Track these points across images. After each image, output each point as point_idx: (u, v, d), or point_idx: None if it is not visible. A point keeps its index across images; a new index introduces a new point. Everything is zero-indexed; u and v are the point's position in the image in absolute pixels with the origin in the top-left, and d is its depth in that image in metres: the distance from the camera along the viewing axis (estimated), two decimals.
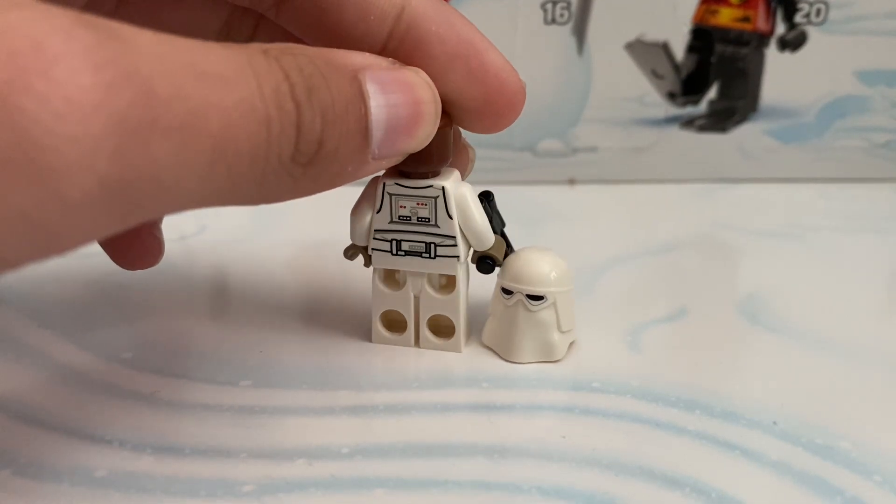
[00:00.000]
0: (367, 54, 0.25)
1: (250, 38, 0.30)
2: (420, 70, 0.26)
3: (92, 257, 0.38)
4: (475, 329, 0.33)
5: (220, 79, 0.19)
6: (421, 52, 0.27)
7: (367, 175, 0.25)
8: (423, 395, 0.29)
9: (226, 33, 0.30)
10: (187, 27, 0.29)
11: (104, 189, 0.17)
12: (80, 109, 0.16)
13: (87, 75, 0.16)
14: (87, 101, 0.16)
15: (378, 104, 0.23)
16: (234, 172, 0.20)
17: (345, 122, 0.22)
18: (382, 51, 0.27)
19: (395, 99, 0.24)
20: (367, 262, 0.31)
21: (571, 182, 0.53)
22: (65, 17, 0.16)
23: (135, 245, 0.31)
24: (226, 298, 0.37)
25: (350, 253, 0.31)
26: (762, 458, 0.25)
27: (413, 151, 0.26)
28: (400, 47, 0.27)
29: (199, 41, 0.20)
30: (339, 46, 0.24)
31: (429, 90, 0.26)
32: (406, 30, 0.28)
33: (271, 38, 0.28)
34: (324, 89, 0.22)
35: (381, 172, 0.29)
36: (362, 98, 0.23)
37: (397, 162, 0.26)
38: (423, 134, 0.25)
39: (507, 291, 0.31)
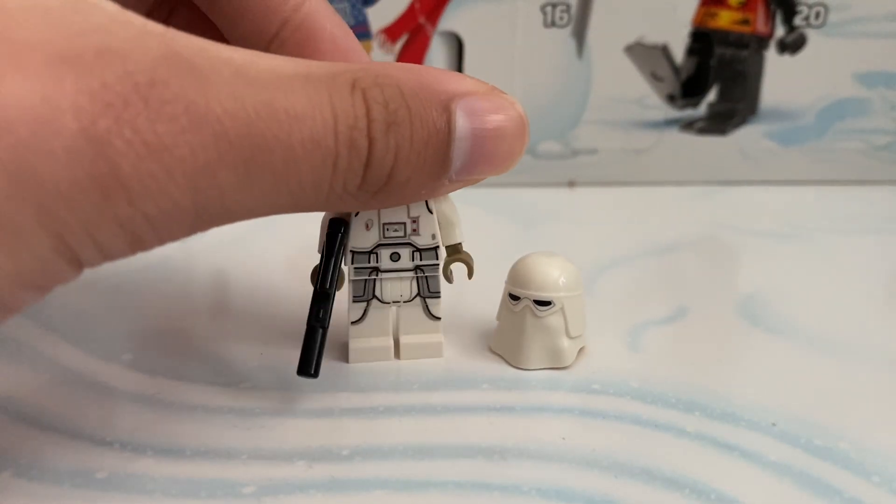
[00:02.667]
0: (467, 78, 0.25)
1: (168, 16, 0.31)
2: (516, 101, 0.26)
3: None
4: (482, 335, 0.33)
5: (292, 116, 0.21)
6: (312, 45, 0.28)
7: (439, 195, 0.27)
8: (423, 396, 0.29)
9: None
10: None
11: (178, 209, 0.20)
12: (157, 150, 0.19)
13: (164, 124, 0.19)
14: (162, 143, 0.19)
15: (464, 136, 0.24)
16: (297, 196, 0.22)
17: (422, 156, 0.24)
18: (276, 34, 0.28)
19: (482, 130, 0.25)
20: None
21: (571, 184, 0.53)
22: (154, 65, 0.20)
23: None
24: (226, 300, 0.37)
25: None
26: (761, 459, 0.25)
27: (488, 177, 0.26)
28: (293, 36, 0.28)
29: (283, 73, 0.21)
30: (237, 25, 0.27)
31: (520, 123, 0.26)
32: (302, 20, 0.29)
33: (186, 19, 0.30)
34: (405, 125, 0.23)
35: None
36: (448, 129, 0.24)
37: (471, 184, 0.27)
38: (506, 165, 0.26)
39: (514, 297, 0.31)
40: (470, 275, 0.31)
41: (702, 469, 0.25)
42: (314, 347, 0.28)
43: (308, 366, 0.27)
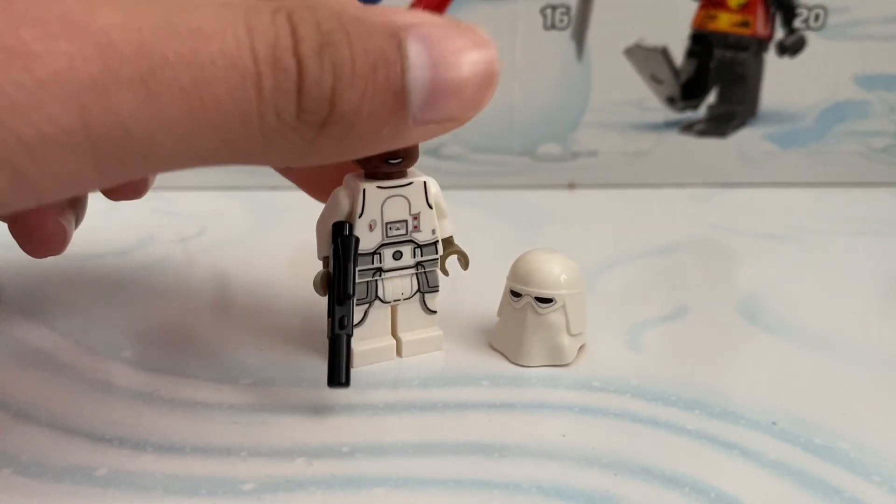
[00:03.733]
0: (420, 12, 0.23)
1: None
2: (480, 28, 0.24)
3: (92, 259, 0.38)
4: (483, 331, 0.33)
5: (195, 32, 0.19)
6: None
7: (413, 142, 0.24)
8: (423, 393, 0.29)
9: None
10: None
11: (64, 134, 0.18)
12: (23, 59, 0.17)
13: (29, 29, 0.17)
14: (30, 51, 0.17)
15: (421, 64, 0.22)
16: (223, 128, 0.20)
17: (370, 81, 0.21)
18: None
19: (442, 58, 0.22)
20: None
21: (571, 186, 0.53)
22: None
23: (38, 230, 0.30)
24: (226, 298, 0.37)
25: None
26: (761, 458, 0.25)
27: (467, 118, 0.24)
28: None
29: (189, 2, 0.19)
30: None
31: (486, 48, 0.23)
32: None
33: None
34: (342, 46, 0.21)
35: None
36: (398, 56, 0.22)
37: (451, 130, 0.24)
38: (477, 99, 0.23)
39: (515, 294, 0.31)
40: (465, 266, 0.31)
41: (701, 467, 0.25)
42: (342, 356, 0.27)
43: (339, 375, 0.27)
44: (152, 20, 0.19)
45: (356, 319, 0.30)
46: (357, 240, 0.29)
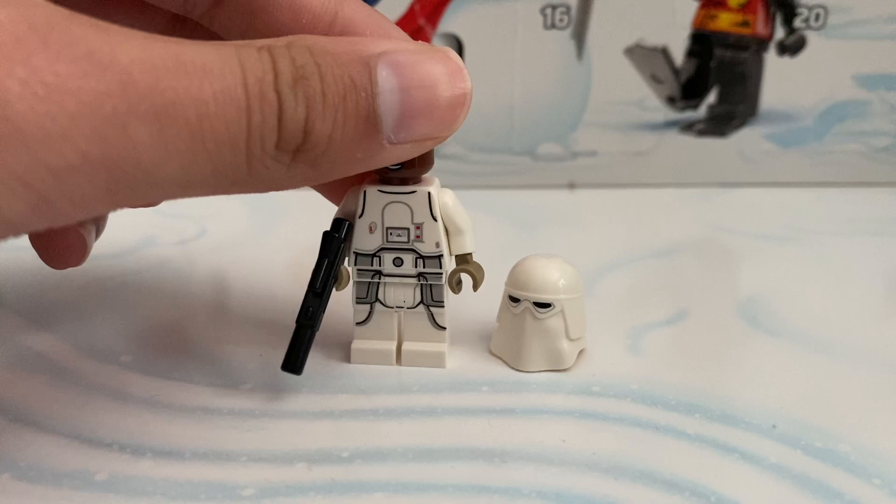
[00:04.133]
0: (395, 40, 0.25)
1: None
2: (450, 50, 0.25)
3: (91, 262, 0.38)
4: (482, 337, 0.33)
5: (202, 71, 0.20)
6: None
7: (388, 161, 0.25)
8: (423, 398, 0.29)
9: None
10: None
11: (87, 162, 0.19)
12: (57, 92, 0.18)
13: (65, 66, 0.18)
14: (63, 86, 0.18)
15: (391, 88, 0.23)
16: (216, 158, 0.21)
17: (340, 110, 0.23)
18: None
19: (411, 82, 0.24)
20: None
21: (571, 186, 0.53)
22: (53, 12, 0.19)
23: (58, 242, 0.31)
24: (226, 302, 0.37)
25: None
26: (761, 461, 0.25)
27: (443, 136, 0.25)
28: None
29: (190, 41, 0.21)
30: None
31: (456, 69, 0.25)
32: (340, 34, 0.28)
33: None
34: (313, 78, 0.22)
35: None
36: (369, 83, 0.23)
37: (430, 148, 0.26)
38: (449, 118, 0.25)
39: (514, 299, 0.31)
40: (475, 287, 0.31)
41: (702, 471, 0.25)
42: (300, 346, 0.28)
43: (291, 363, 0.28)
44: (165, 58, 0.20)
45: (360, 318, 0.31)
46: (340, 238, 0.29)
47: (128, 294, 0.37)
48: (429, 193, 0.29)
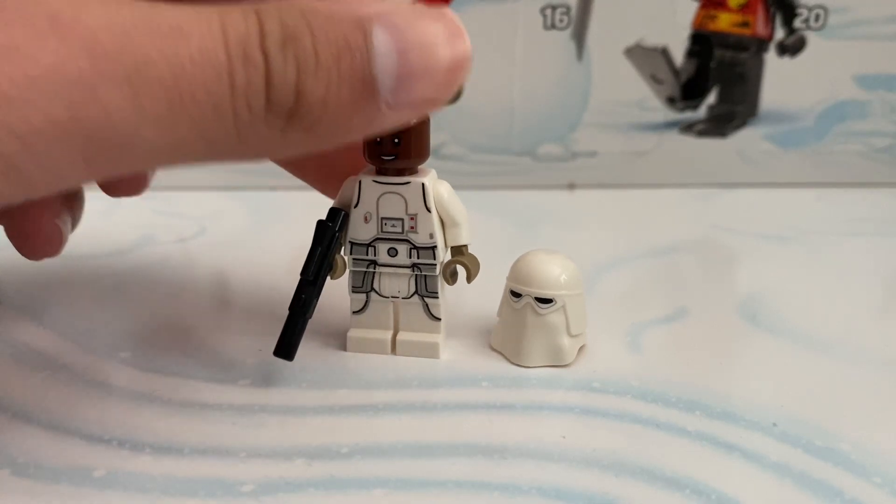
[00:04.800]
0: (388, 1, 0.24)
1: None
2: (448, 10, 0.24)
3: (91, 259, 0.38)
4: (483, 332, 0.33)
5: (177, 31, 0.20)
6: None
7: (387, 126, 0.24)
8: (423, 394, 0.29)
9: None
10: None
11: (54, 127, 0.19)
12: (19, 57, 0.18)
13: (20, 28, 0.18)
14: (22, 49, 0.18)
15: (387, 50, 0.22)
16: (200, 123, 0.20)
17: (334, 71, 0.22)
18: None
19: (408, 43, 0.23)
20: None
21: (571, 186, 0.53)
22: None
23: (34, 232, 0.30)
24: (225, 298, 0.37)
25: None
26: (762, 460, 0.25)
27: (441, 100, 0.24)
28: None
29: (166, 3, 0.20)
30: None
31: (455, 34, 0.24)
32: None
33: None
34: (305, 38, 0.21)
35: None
36: (364, 44, 0.22)
37: (429, 111, 0.25)
38: (450, 80, 0.24)
39: (515, 294, 0.31)
40: (469, 279, 0.31)
41: (702, 469, 0.25)
42: (292, 332, 0.29)
43: (283, 349, 0.29)
44: (136, 20, 0.20)
45: (357, 307, 0.31)
46: (333, 227, 0.29)
47: (127, 291, 0.37)
48: (423, 184, 0.29)
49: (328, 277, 0.30)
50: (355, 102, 0.22)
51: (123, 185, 0.32)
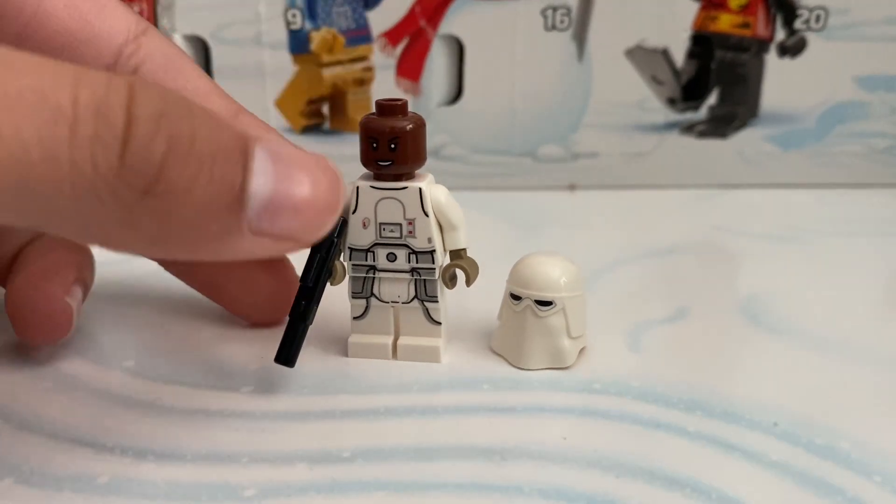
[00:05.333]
0: (274, 133, 0.24)
1: None
2: (326, 157, 0.24)
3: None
4: (483, 335, 0.33)
5: (9, 65, 0.18)
6: None
7: (242, 252, 0.22)
8: (424, 397, 0.29)
9: None
10: None
11: None
12: None
13: None
14: None
15: (265, 170, 0.21)
16: (25, 166, 0.18)
17: (207, 167, 0.20)
18: None
19: (288, 173, 0.22)
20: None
21: (572, 187, 0.53)
22: None
23: (37, 313, 0.30)
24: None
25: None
26: (762, 459, 0.25)
27: (303, 241, 0.23)
28: None
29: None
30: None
31: (330, 177, 0.23)
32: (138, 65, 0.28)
33: None
34: (184, 122, 0.20)
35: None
36: (244, 158, 0.21)
37: (288, 251, 0.24)
38: (315, 220, 0.23)
39: (515, 297, 0.31)
40: (468, 283, 0.31)
41: (703, 469, 0.25)
42: (293, 339, 0.29)
43: (284, 356, 0.29)
44: None
45: (357, 313, 0.31)
46: (328, 234, 0.29)
47: (128, 299, 0.37)
48: (420, 189, 0.29)
49: (328, 284, 0.30)
50: (220, 209, 0.21)
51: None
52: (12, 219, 0.19)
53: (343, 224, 0.30)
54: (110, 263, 0.41)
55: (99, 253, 0.31)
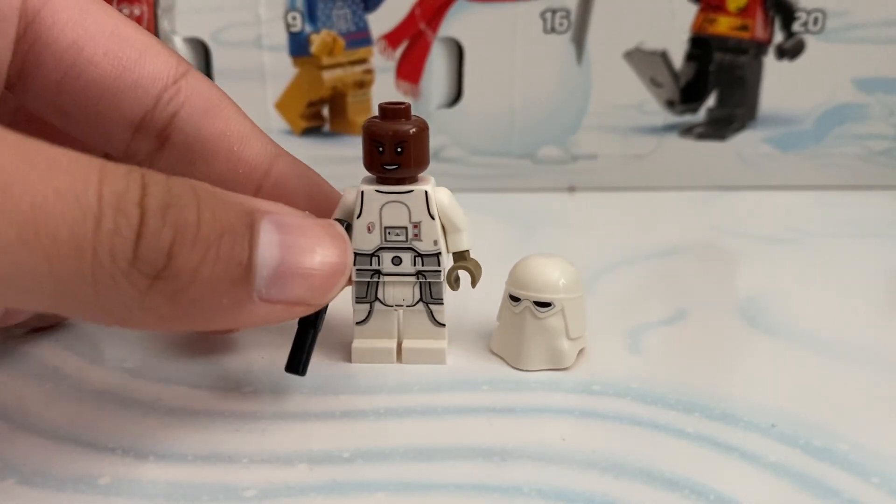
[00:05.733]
0: (281, 205, 0.24)
1: None
2: (335, 223, 0.25)
3: None
4: (483, 336, 0.33)
5: (47, 164, 0.19)
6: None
7: (253, 321, 0.24)
8: (424, 398, 0.29)
9: None
10: None
11: None
12: None
13: None
14: None
15: (270, 243, 0.23)
16: (56, 260, 0.19)
17: (213, 248, 0.21)
18: None
19: (294, 242, 0.23)
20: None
21: (571, 189, 0.53)
22: None
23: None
24: None
25: None
26: (761, 460, 0.26)
27: (316, 304, 0.24)
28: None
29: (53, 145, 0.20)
30: None
31: (338, 243, 0.25)
32: (273, 186, 0.29)
33: None
34: (189, 210, 0.21)
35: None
36: (249, 233, 0.22)
37: (299, 315, 0.25)
38: (324, 286, 0.24)
39: (514, 298, 0.31)
40: (473, 283, 0.31)
41: (701, 470, 0.25)
42: (304, 347, 0.29)
43: (294, 365, 0.29)
44: (10, 149, 0.19)
45: (360, 318, 0.31)
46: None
47: None
48: (426, 192, 0.29)
49: None
50: (228, 284, 0.22)
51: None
52: (37, 303, 0.21)
53: (347, 229, 0.30)
54: None
55: None
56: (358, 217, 0.30)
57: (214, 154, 0.29)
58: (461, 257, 0.31)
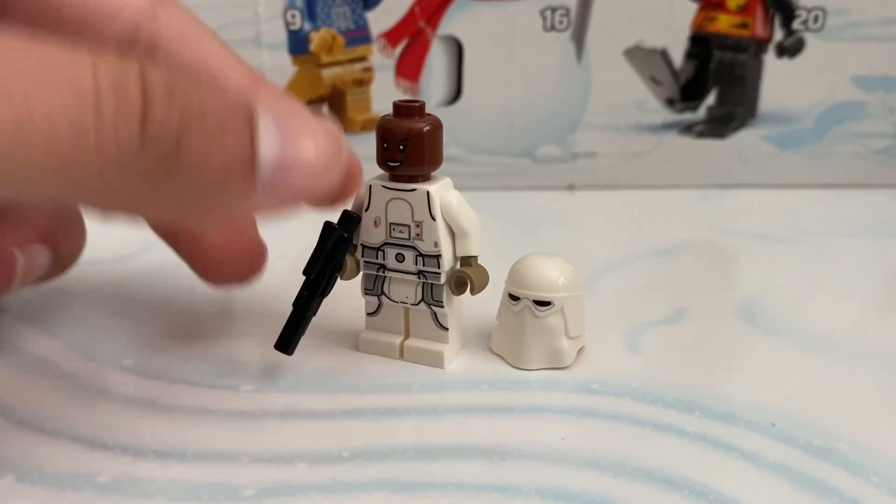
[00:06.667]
0: (274, 90, 0.24)
1: None
2: (324, 113, 0.25)
3: (92, 265, 0.38)
4: (482, 335, 0.33)
5: (35, 52, 0.19)
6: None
7: (257, 210, 0.24)
8: (423, 397, 0.29)
9: None
10: None
11: None
12: None
13: None
14: None
15: (270, 131, 0.22)
16: (55, 142, 0.18)
17: (218, 133, 0.21)
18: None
19: (290, 132, 0.23)
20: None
21: (571, 188, 0.53)
22: None
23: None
24: (227, 304, 0.37)
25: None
26: (760, 460, 0.26)
27: (312, 197, 0.24)
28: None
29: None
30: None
31: (332, 132, 0.24)
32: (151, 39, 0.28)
33: None
34: (193, 94, 0.20)
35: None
36: (250, 120, 0.22)
37: (299, 206, 0.24)
38: (323, 174, 0.24)
39: (514, 297, 0.31)
40: (472, 292, 0.30)
41: (701, 469, 0.25)
42: (295, 328, 0.30)
43: (282, 343, 0.30)
44: None
45: (370, 309, 0.32)
46: (334, 228, 0.30)
47: (129, 297, 0.37)
48: (427, 192, 0.29)
49: (337, 278, 0.30)
50: (234, 174, 0.22)
51: None
52: (41, 194, 0.20)
53: (352, 220, 0.30)
54: (110, 262, 0.41)
55: (96, 253, 0.31)
56: (366, 210, 0.30)
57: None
58: (466, 263, 0.30)
